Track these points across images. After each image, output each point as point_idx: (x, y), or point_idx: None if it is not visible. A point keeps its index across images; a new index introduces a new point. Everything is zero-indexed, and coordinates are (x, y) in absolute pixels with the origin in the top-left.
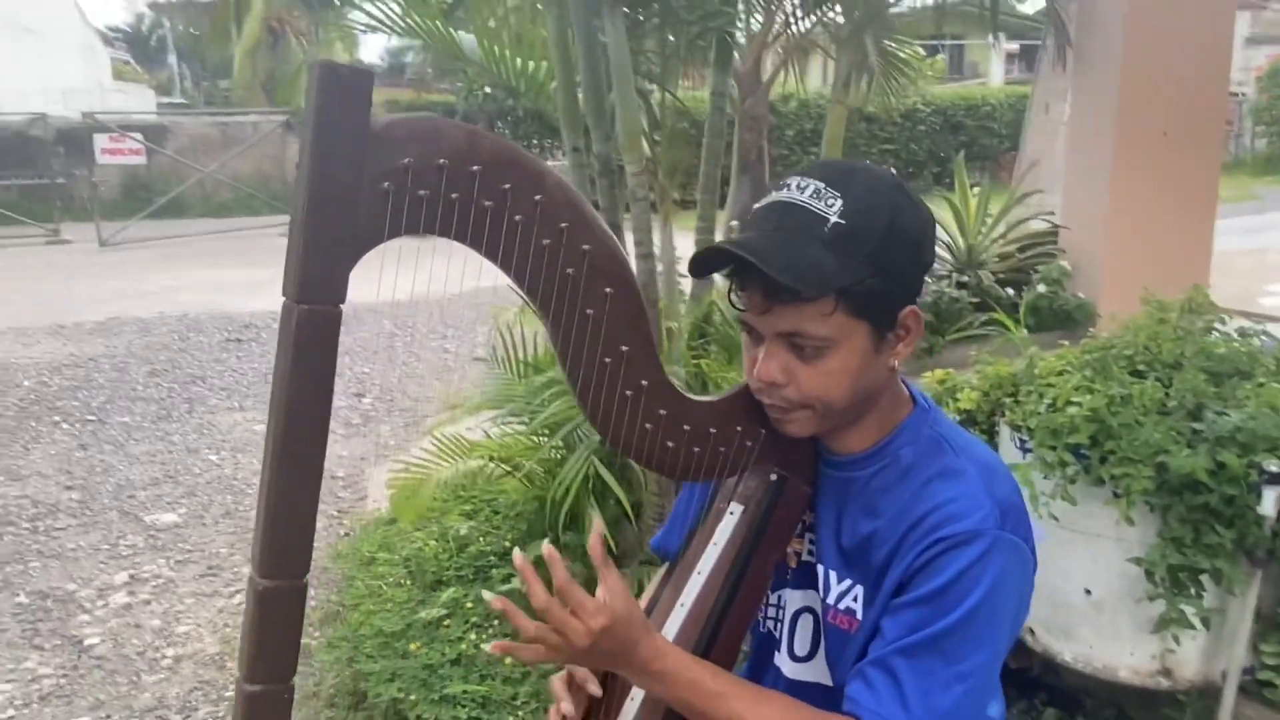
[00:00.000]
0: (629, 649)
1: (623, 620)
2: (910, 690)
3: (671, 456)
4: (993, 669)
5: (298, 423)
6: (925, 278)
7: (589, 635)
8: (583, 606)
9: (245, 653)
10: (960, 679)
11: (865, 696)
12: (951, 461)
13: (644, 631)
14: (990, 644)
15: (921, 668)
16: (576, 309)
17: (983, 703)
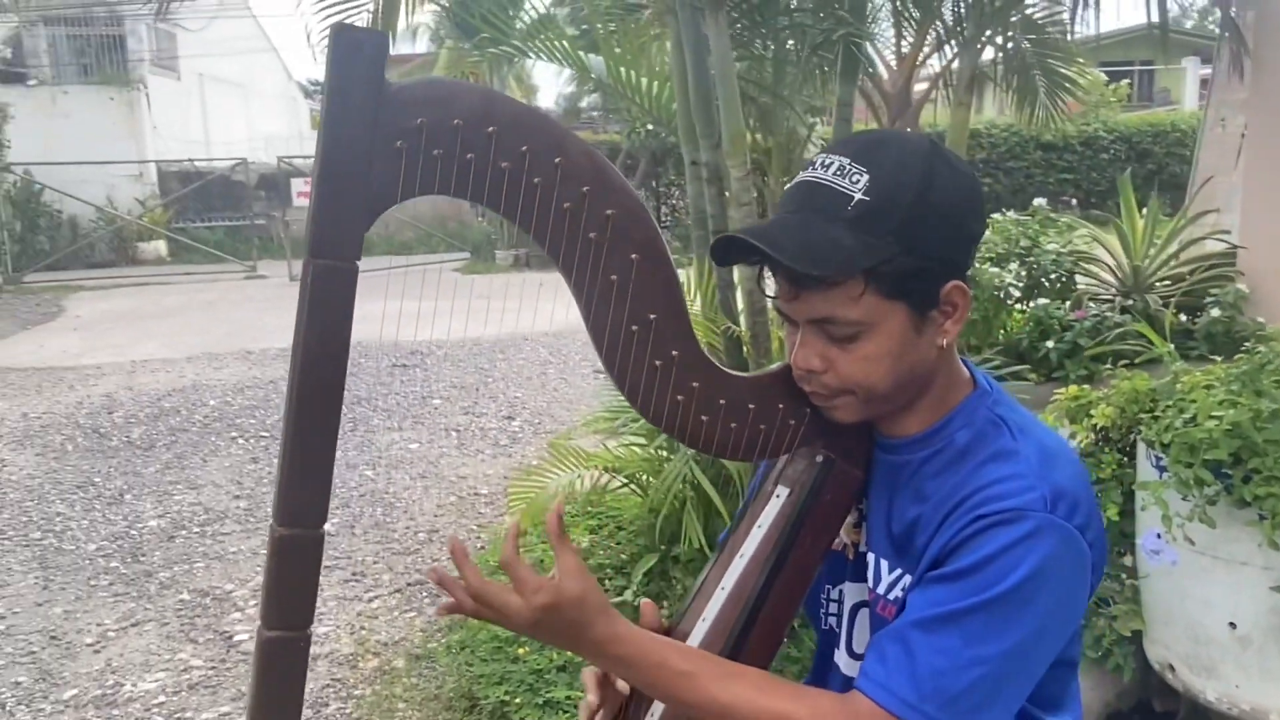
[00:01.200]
0: (580, 630)
1: (571, 601)
2: (923, 665)
3: (706, 431)
4: (1024, 663)
5: (314, 374)
6: (973, 249)
7: (531, 612)
8: (524, 584)
9: (264, 600)
10: (979, 663)
11: (876, 668)
12: (1007, 443)
13: (599, 614)
14: (1021, 633)
15: (938, 644)
16: (600, 274)
17: (1006, 694)
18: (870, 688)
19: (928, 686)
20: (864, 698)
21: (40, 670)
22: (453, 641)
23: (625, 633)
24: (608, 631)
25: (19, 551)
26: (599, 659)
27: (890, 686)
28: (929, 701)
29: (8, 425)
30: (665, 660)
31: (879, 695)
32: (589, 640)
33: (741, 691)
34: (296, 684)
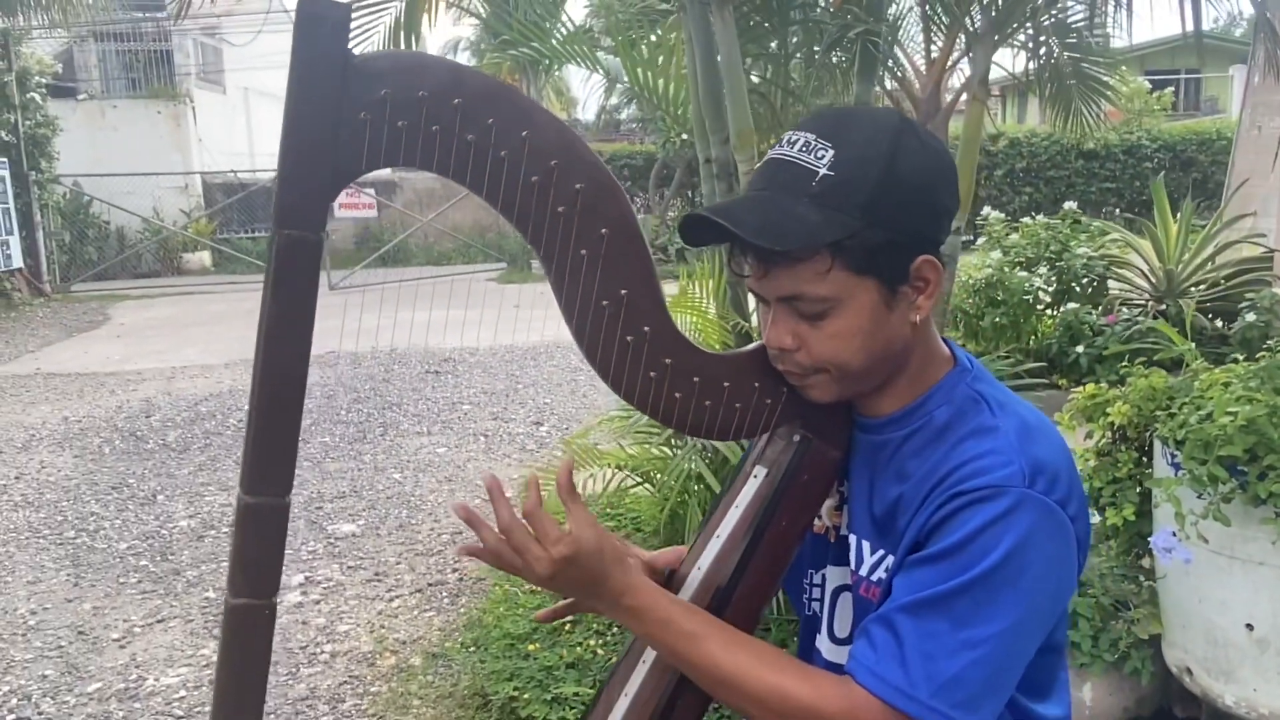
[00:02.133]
0: (597, 581)
1: (589, 552)
2: (911, 651)
3: (680, 409)
4: (1015, 644)
5: (279, 345)
6: (945, 224)
7: (550, 563)
8: (546, 534)
9: (230, 568)
10: (969, 646)
11: (865, 654)
12: (986, 419)
13: (614, 566)
14: (1010, 612)
15: (926, 629)
16: (570, 249)
17: (1001, 680)
18: (862, 674)
19: (918, 673)
20: (858, 685)
21: (67, 664)
22: (467, 640)
23: (638, 584)
24: (623, 582)
25: (53, 550)
26: (613, 610)
27: (881, 673)
28: (920, 688)
29: (49, 428)
30: (673, 618)
31: (871, 682)
32: (604, 590)
33: (745, 661)
34: (262, 651)
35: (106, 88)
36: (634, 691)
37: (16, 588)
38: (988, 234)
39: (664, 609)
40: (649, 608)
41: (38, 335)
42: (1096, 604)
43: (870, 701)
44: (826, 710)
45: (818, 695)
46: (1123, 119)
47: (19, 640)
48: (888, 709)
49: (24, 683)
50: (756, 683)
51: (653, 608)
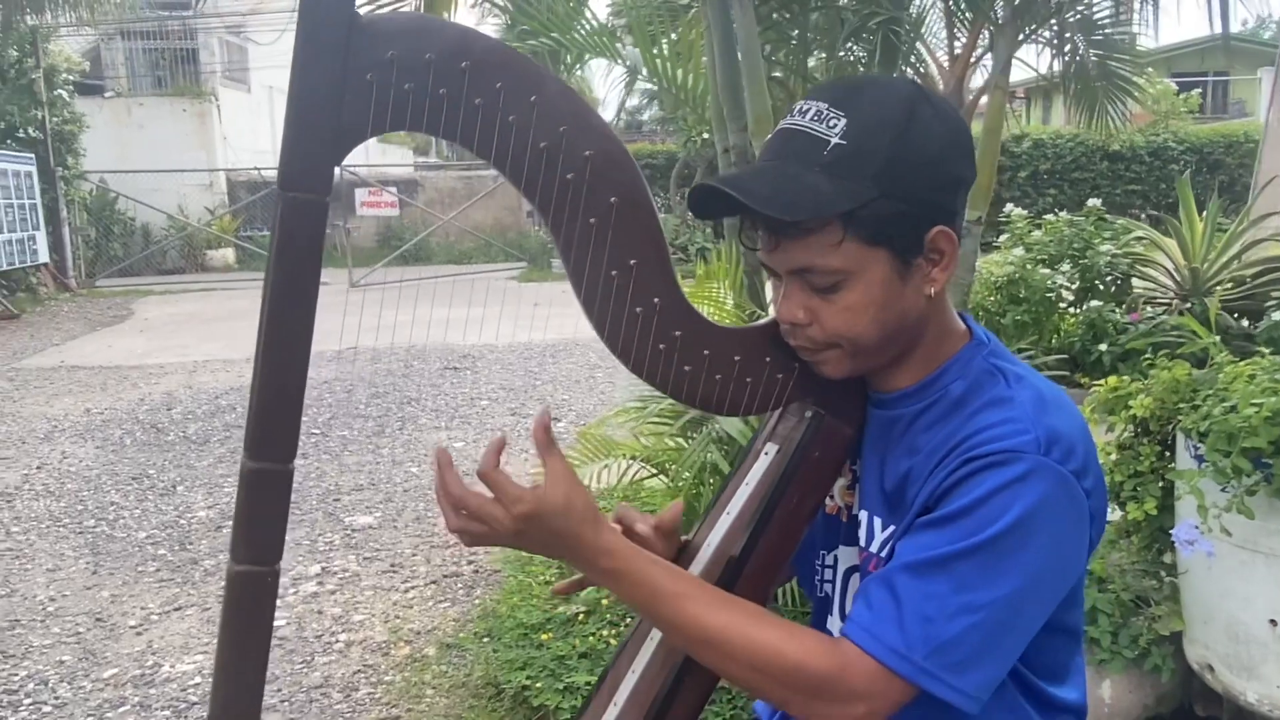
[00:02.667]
0: (568, 541)
1: (556, 510)
2: (909, 612)
3: (690, 382)
4: (1017, 614)
5: (284, 307)
6: (961, 195)
7: (513, 521)
8: (504, 493)
9: (233, 534)
10: (969, 610)
11: (861, 614)
12: (1002, 391)
13: (585, 524)
14: (1014, 580)
15: (925, 589)
16: (579, 217)
17: (999, 648)
18: (856, 633)
19: (915, 634)
20: (851, 644)
21: (84, 650)
22: (481, 630)
23: (614, 545)
24: (596, 542)
25: (72, 538)
26: (591, 572)
27: (876, 633)
28: (916, 649)
29: (71, 420)
30: (653, 579)
31: (865, 641)
32: (577, 550)
33: (731, 620)
34: (265, 619)
35: (133, 85)
36: (641, 668)
37: (36, 575)
38: (1010, 231)
39: (643, 570)
40: (627, 570)
41: (62, 329)
42: (1117, 600)
43: (862, 660)
44: (815, 669)
45: (805, 653)
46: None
47: (37, 626)
48: (880, 669)
49: (41, 668)
50: (741, 641)
51: (630, 570)
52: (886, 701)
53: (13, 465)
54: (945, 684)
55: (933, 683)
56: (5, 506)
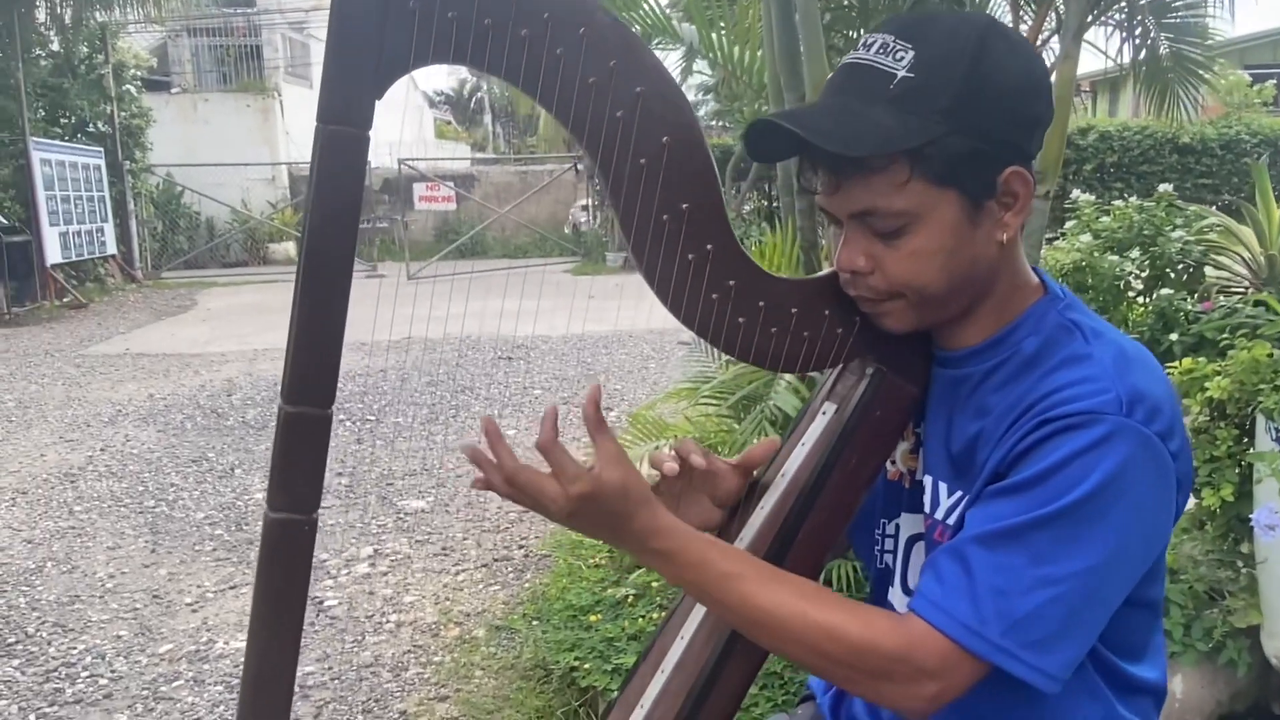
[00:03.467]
0: (621, 522)
1: (612, 491)
2: (982, 586)
3: (744, 336)
4: (1099, 588)
5: (323, 244)
6: (1037, 135)
7: (568, 501)
8: (562, 471)
9: (270, 482)
10: (1047, 584)
11: (930, 588)
12: (1079, 348)
13: (641, 505)
14: (1096, 551)
15: (1000, 561)
16: (629, 157)
17: (1080, 625)
18: (926, 609)
19: (988, 609)
20: (920, 620)
21: (141, 625)
22: (530, 612)
23: (668, 526)
24: (649, 524)
25: (133, 518)
26: (640, 553)
27: (947, 608)
28: (990, 625)
29: (135, 405)
30: (707, 558)
31: (935, 617)
32: (629, 532)
33: (787, 599)
34: (302, 569)
35: (199, 81)
36: (690, 634)
37: (97, 553)
38: (1077, 217)
39: (696, 550)
40: (679, 550)
41: (128, 318)
42: (1190, 591)
43: (932, 637)
44: (881, 648)
45: (870, 632)
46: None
47: (96, 602)
48: (951, 646)
49: (99, 642)
50: (801, 622)
51: (684, 550)
52: (958, 681)
53: (78, 447)
54: (1023, 663)
55: (1010, 661)
56: (69, 486)
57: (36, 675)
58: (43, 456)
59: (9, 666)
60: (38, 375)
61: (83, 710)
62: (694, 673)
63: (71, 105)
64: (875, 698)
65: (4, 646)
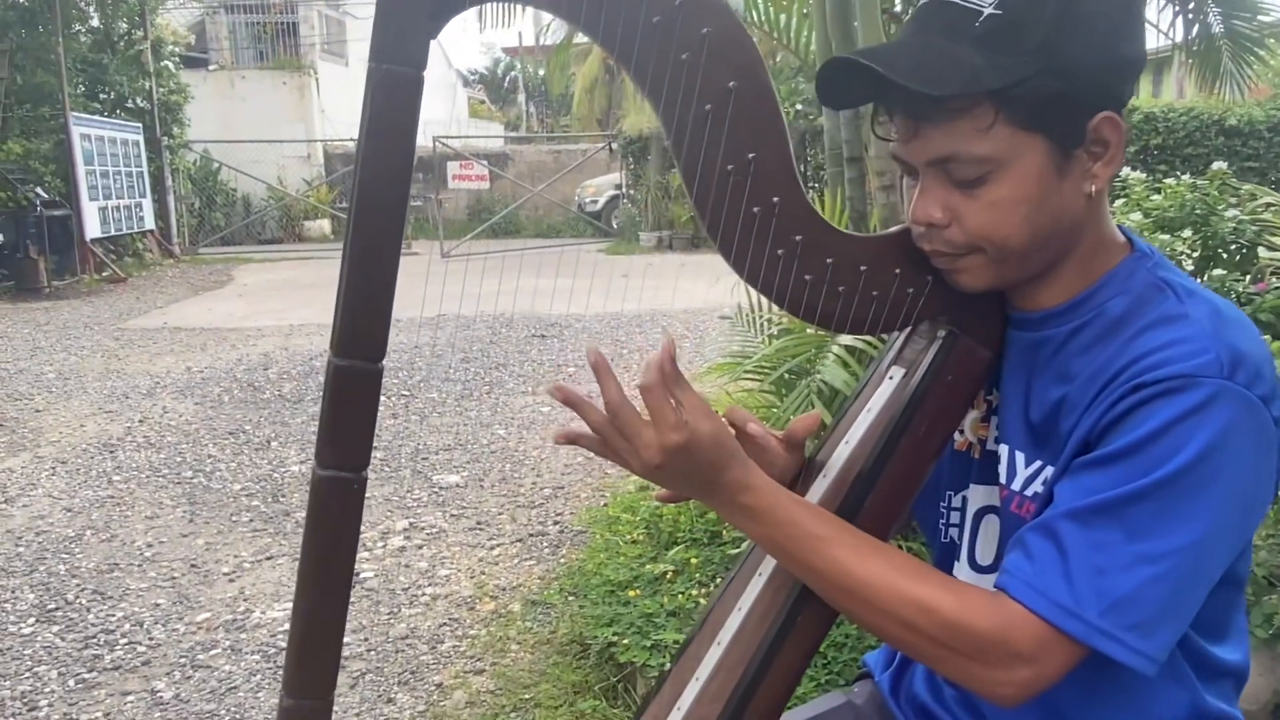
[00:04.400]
0: (711, 475)
1: (705, 442)
2: (1078, 563)
3: (810, 295)
4: (1201, 563)
5: (375, 193)
6: (1130, 79)
7: (661, 451)
8: (663, 418)
9: (319, 438)
10: (1147, 560)
11: (1020, 566)
12: (1172, 307)
13: (731, 459)
14: (1198, 524)
15: (1096, 538)
16: (693, 102)
17: (1182, 604)
18: (1018, 589)
19: (1085, 589)
20: (1013, 601)
21: (178, 594)
22: (567, 586)
23: (759, 482)
24: (740, 478)
25: (171, 488)
26: (728, 509)
27: (1040, 588)
28: (1088, 606)
29: (173, 377)
30: (797, 519)
31: (1029, 598)
32: (720, 486)
33: (879, 568)
34: (350, 528)
35: (236, 58)
36: (749, 605)
37: (135, 522)
38: (1127, 195)
39: (786, 509)
40: (769, 507)
41: (166, 293)
42: (1250, 576)
43: (1027, 619)
44: (976, 628)
45: (965, 610)
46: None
47: (135, 570)
48: (1047, 628)
49: (137, 610)
50: (892, 593)
51: (774, 507)
52: (1054, 665)
53: (116, 418)
54: (1124, 645)
55: (1110, 644)
56: (109, 457)
57: (76, 641)
58: (82, 427)
59: (49, 633)
60: (77, 348)
61: (121, 676)
62: (753, 645)
63: (110, 81)
64: (965, 680)
65: (44, 613)
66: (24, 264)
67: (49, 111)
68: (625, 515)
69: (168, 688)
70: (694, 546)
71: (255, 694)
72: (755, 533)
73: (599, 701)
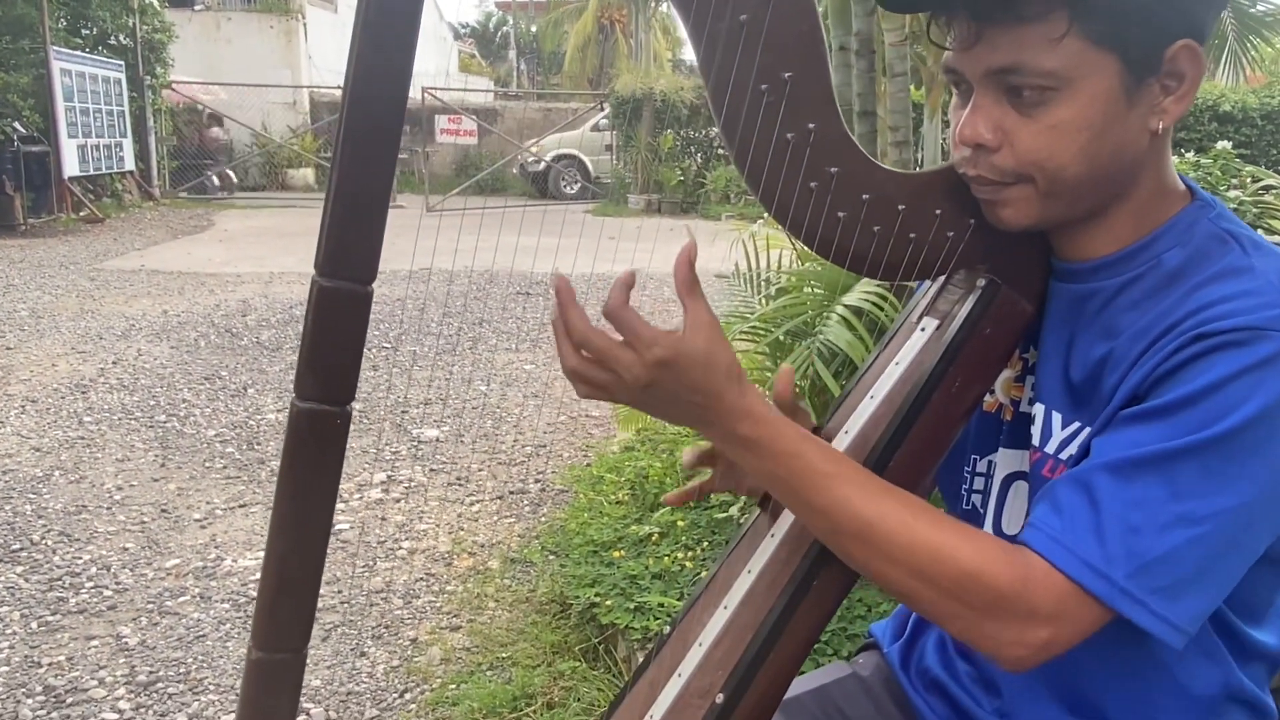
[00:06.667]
0: (706, 399)
1: (695, 359)
2: (1110, 519)
3: (842, 233)
4: (1245, 531)
5: (368, 101)
6: (1214, 8)
7: (644, 368)
8: (636, 334)
9: (299, 369)
10: (1187, 522)
11: (1047, 519)
12: (1237, 259)
13: (729, 381)
14: (1248, 488)
15: (1134, 495)
16: (727, 13)
17: (1219, 572)
18: (1041, 543)
19: (1117, 547)
20: (1035, 554)
21: (148, 539)
22: (548, 544)
23: (760, 411)
24: (738, 404)
25: (143, 431)
26: (726, 440)
27: (1068, 543)
28: (1117, 565)
29: (148, 320)
30: (804, 452)
31: (1053, 553)
32: (715, 411)
33: (892, 509)
34: (332, 466)
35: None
36: (759, 568)
37: (106, 464)
38: None
39: (791, 441)
40: (772, 438)
41: (144, 235)
42: None
43: (1050, 575)
44: (993, 580)
45: (983, 560)
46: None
47: (104, 513)
48: (1071, 587)
49: (105, 553)
50: (905, 538)
51: (777, 438)
52: (1075, 627)
53: (89, 359)
54: (1149, 611)
55: (1134, 607)
56: (80, 397)
57: (40, 583)
58: (54, 366)
59: (12, 573)
60: (51, 286)
61: (86, 620)
62: (764, 609)
63: (93, 16)
64: (974, 639)
65: (8, 553)
66: None
67: (29, 45)
68: (609, 475)
69: (133, 633)
70: (680, 509)
71: (224, 643)
72: (756, 467)
73: (578, 663)
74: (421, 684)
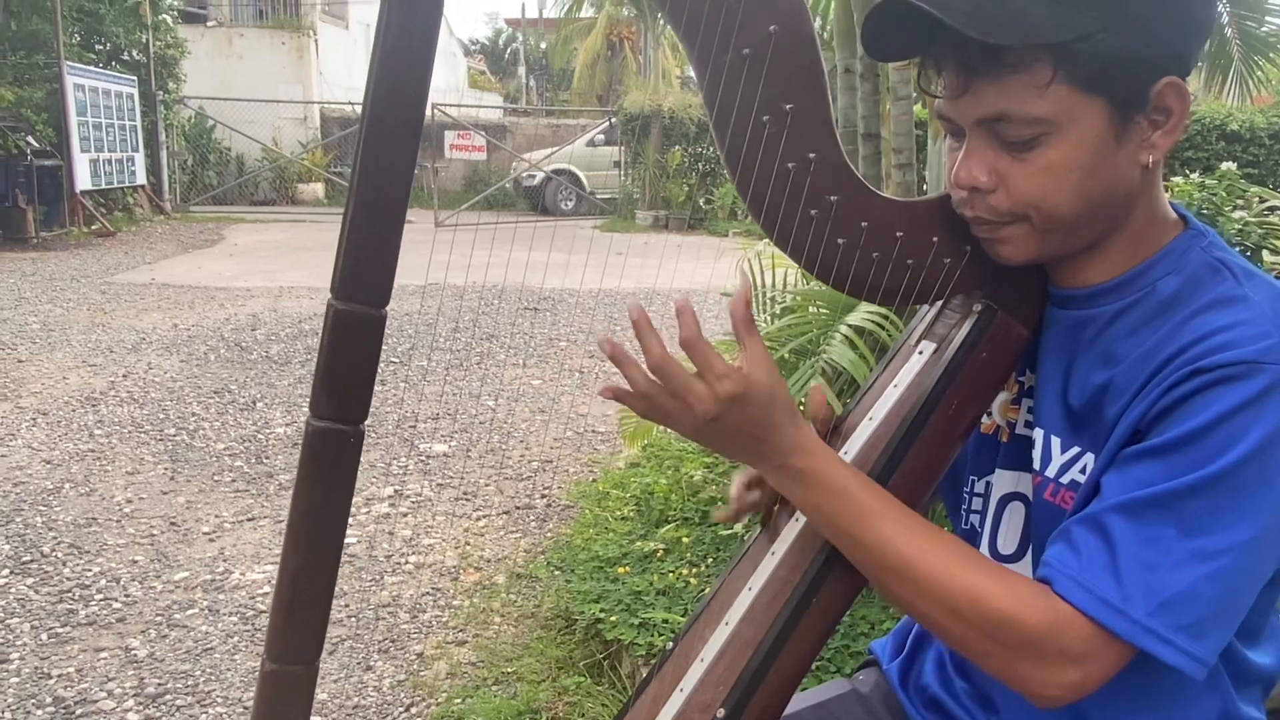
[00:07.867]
0: (765, 433)
1: (760, 395)
2: (1126, 559)
3: (842, 259)
4: (1256, 562)
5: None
6: (1197, 43)
7: (714, 402)
8: (710, 367)
9: (315, 387)
10: (1201, 558)
11: (1067, 560)
12: (1230, 288)
13: (787, 417)
14: (1257, 520)
15: (1147, 533)
16: (730, 45)
17: (1235, 604)
18: (1063, 584)
19: (1134, 585)
20: (1059, 597)
21: (157, 552)
22: (554, 560)
23: (813, 445)
24: (794, 438)
25: (153, 445)
26: (779, 471)
27: (1087, 583)
28: (1135, 602)
29: (159, 334)
30: (850, 488)
31: (1074, 594)
32: (772, 444)
33: (931, 549)
34: (345, 484)
35: (235, 15)
36: (760, 585)
37: (116, 477)
38: None
39: (839, 476)
40: (822, 472)
41: (155, 249)
42: None
43: (1076, 618)
44: (1026, 623)
45: (1017, 603)
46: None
47: (114, 526)
48: (1095, 628)
49: (114, 566)
50: (942, 578)
51: (826, 472)
52: (1103, 667)
53: (100, 372)
54: (1175, 647)
55: (1159, 644)
56: (90, 410)
57: (50, 595)
58: (65, 379)
59: (23, 585)
60: (63, 299)
61: (95, 632)
62: (764, 625)
63: (107, 32)
64: (1009, 677)
65: (19, 565)
66: (12, 213)
67: (43, 59)
68: (615, 491)
69: (142, 645)
70: (685, 525)
71: (231, 656)
72: (802, 499)
73: (583, 678)
74: (427, 698)
